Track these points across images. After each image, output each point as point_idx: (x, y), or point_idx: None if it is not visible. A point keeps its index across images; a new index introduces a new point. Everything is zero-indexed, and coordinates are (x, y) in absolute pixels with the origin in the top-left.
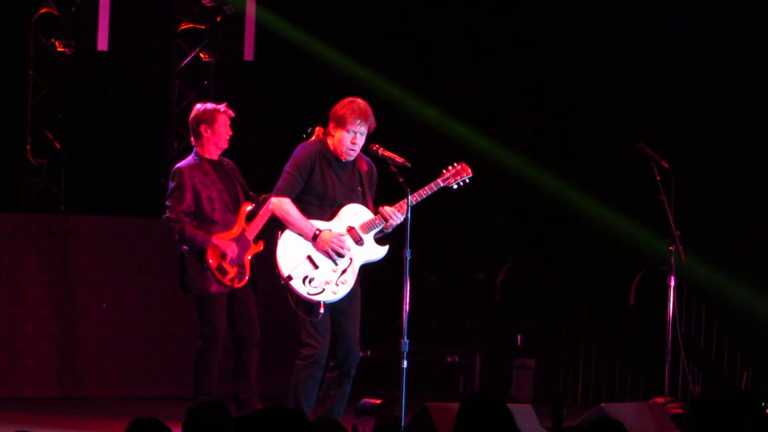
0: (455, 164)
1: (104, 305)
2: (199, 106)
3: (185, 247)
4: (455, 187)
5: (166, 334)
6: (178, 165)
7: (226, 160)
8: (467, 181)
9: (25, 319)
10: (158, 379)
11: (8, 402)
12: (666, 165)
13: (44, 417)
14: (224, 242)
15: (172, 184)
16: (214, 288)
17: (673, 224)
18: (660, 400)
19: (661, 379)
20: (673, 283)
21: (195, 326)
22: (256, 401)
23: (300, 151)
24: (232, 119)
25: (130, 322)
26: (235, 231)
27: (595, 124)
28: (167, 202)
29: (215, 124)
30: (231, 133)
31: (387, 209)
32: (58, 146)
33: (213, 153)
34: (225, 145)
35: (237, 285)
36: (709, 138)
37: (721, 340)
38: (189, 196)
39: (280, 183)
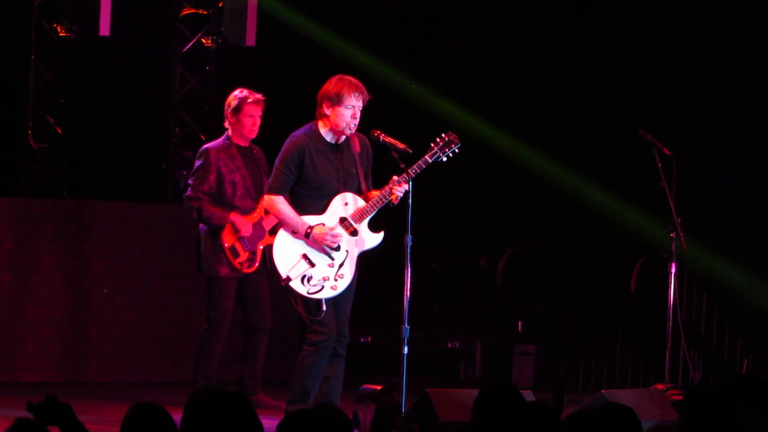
0: (443, 135)
1: (105, 291)
2: (236, 92)
3: (202, 227)
4: (445, 159)
5: (167, 320)
6: (206, 146)
7: (256, 147)
8: (456, 151)
9: (27, 303)
10: (159, 365)
11: (9, 387)
12: (667, 152)
13: None
14: (241, 220)
15: (197, 163)
16: (224, 271)
17: (674, 211)
18: (660, 386)
19: (661, 366)
20: (674, 270)
21: (196, 311)
22: (259, 388)
23: (288, 145)
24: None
25: (131, 308)
26: (254, 217)
27: (596, 110)
28: (189, 181)
29: (240, 114)
30: (258, 123)
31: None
32: (59, 131)
33: (241, 140)
34: (250, 134)
35: (246, 270)
36: (711, 124)
37: (722, 327)
38: (212, 177)
39: (271, 180)
